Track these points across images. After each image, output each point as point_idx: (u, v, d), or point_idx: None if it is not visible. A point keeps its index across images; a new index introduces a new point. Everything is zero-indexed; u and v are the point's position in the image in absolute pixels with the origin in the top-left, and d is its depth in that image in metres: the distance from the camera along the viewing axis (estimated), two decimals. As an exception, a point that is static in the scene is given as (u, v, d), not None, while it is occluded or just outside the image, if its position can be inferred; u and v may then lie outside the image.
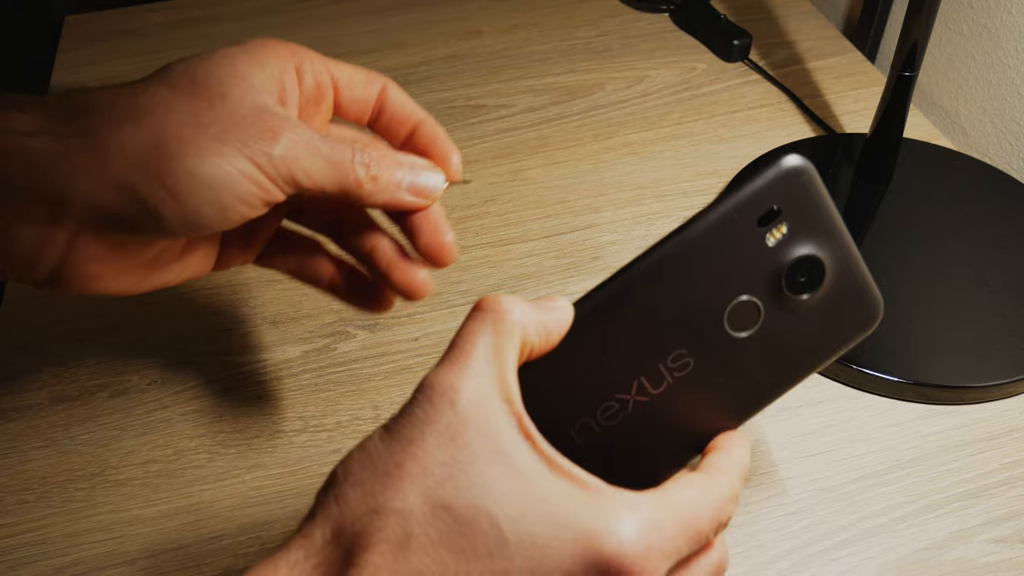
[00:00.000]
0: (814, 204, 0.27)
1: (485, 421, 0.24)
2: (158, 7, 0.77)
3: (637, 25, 0.74)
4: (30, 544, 0.40)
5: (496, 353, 0.25)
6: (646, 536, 0.24)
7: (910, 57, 0.50)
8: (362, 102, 0.33)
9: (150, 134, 0.27)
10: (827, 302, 0.28)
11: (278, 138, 0.28)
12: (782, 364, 0.29)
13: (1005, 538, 0.39)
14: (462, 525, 0.23)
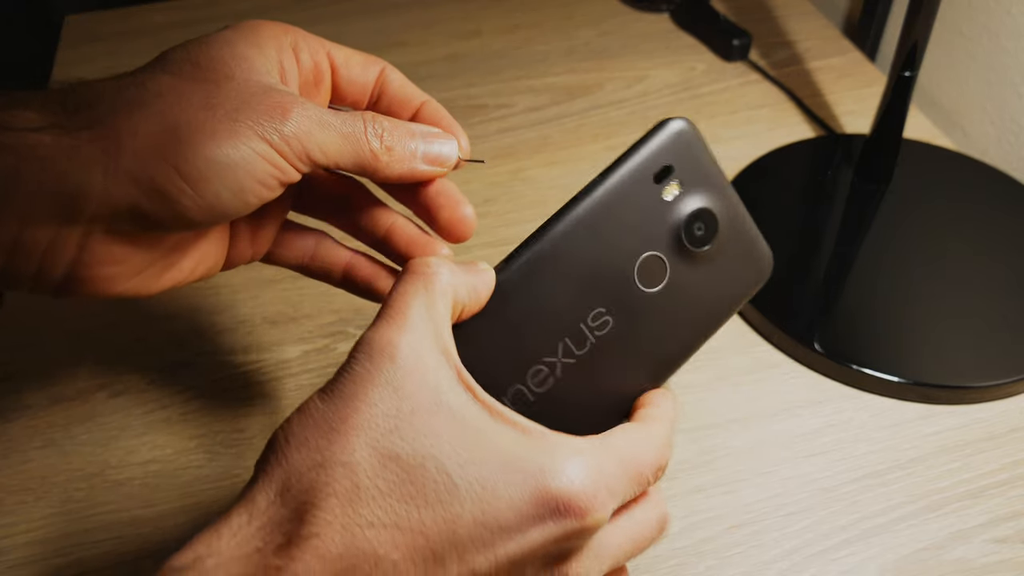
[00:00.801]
0: (701, 161, 0.30)
1: (425, 373, 0.25)
2: (158, 7, 0.77)
3: (637, 25, 0.74)
4: (30, 544, 0.40)
5: (430, 310, 0.26)
6: (592, 475, 0.25)
7: (910, 57, 0.50)
8: (360, 84, 0.33)
9: (162, 120, 0.26)
10: (724, 255, 0.31)
11: (288, 115, 0.28)
12: (692, 317, 0.30)
13: (1005, 538, 0.39)
14: (411, 474, 0.24)
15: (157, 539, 0.40)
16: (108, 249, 0.28)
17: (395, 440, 0.24)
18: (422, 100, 0.33)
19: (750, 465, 0.42)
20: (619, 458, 0.26)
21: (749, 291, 0.32)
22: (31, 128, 0.26)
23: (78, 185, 0.26)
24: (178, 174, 0.26)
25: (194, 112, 0.27)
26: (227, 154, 0.27)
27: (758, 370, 0.47)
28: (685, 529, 0.40)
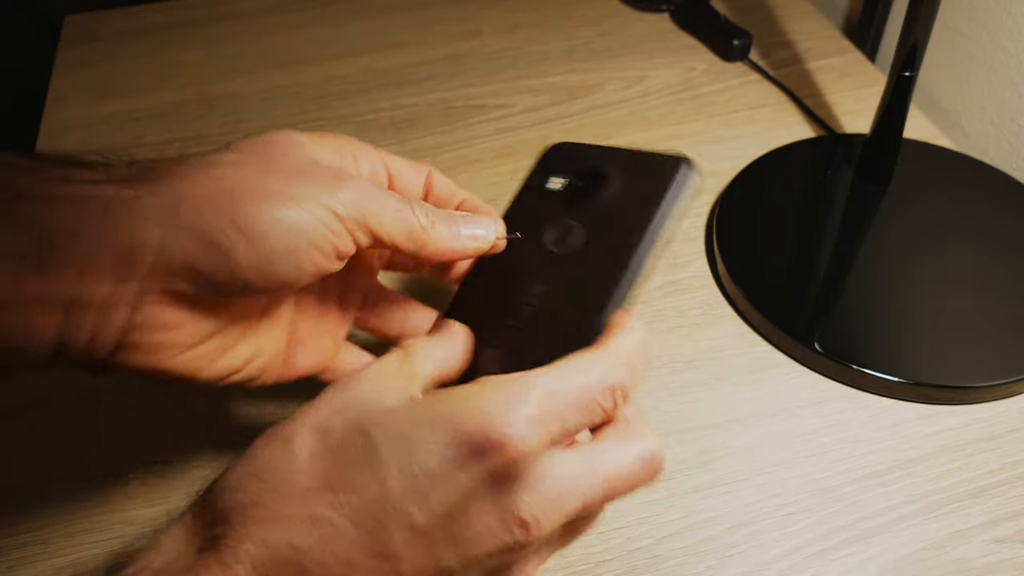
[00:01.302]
0: (575, 155, 0.36)
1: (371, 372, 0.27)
2: (158, 7, 0.77)
3: (637, 25, 0.74)
4: (30, 544, 0.40)
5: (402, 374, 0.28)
6: (505, 405, 0.24)
7: (910, 57, 0.50)
8: (412, 188, 0.35)
9: (219, 182, 0.27)
10: (618, 191, 0.33)
11: (343, 185, 0.28)
12: (617, 244, 0.32)
13: (1005, 538, 0.39)
14: (332, 436, 0.25)
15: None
16: (163, 313, 0.28)
17: (325, 417, 0.26)
18: (462, 197, 0.36)
19: (750, 465, 0.42)
20: (544, 384, 0.25)
21: (668, 191, 0.32)
22: (91, 181, 0.26)
23: (135, 237, 0.26)
24: (233, 227, 0.26)
25: (251, 177, 0.28)
26: (283, 212, 0.27)
27: (758, 370, 0.47)
28: (685, 529, 0.40)
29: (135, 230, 0.26)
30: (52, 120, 0.65)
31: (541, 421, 0.25)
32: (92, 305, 0.26)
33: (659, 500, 0.41)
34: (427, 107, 0.65)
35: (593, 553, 0.39)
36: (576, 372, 0.26)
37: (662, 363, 0.47)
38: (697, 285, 0.51)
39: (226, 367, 0.31)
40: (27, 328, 0.26)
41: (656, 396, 0.45)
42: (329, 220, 0.28)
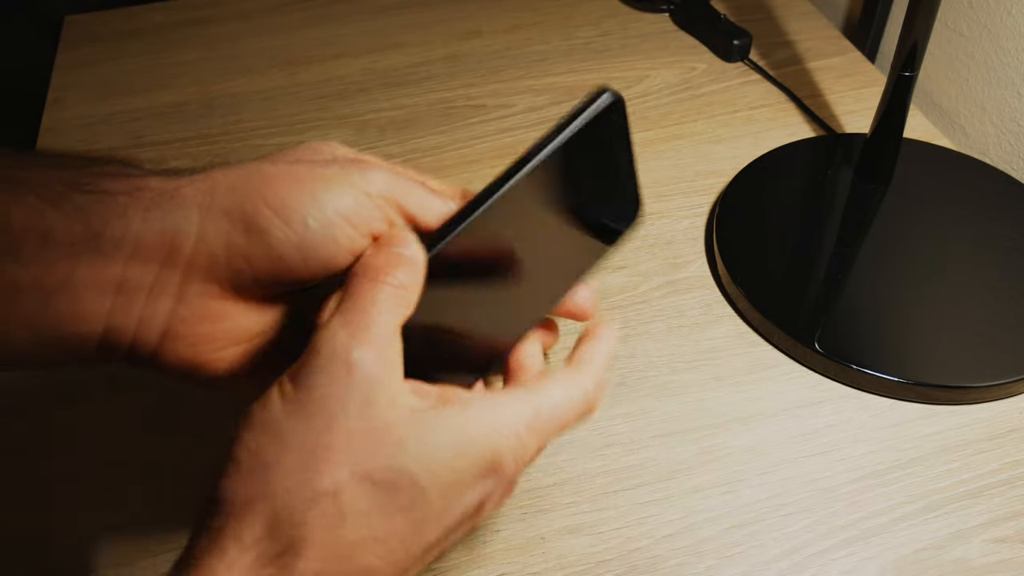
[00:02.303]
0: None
1: (390, 386, 0.26)
2: (158, 7, 0.77)
3: (637, 25, 0.74)
4: (30, 544, 0.40)
5: (395, 331, 0.27)
6: (527, 439, 0.28)
7: (910, 57, 0.50)
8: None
9: (253, 169, 0.28)
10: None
11: (372, 169, 0.29)
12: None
13: (1005, 538, 0.39)
14: (388, 490, 0.25)
15: (157, 539, 0.40)
16: (207, 304, 0.28)
17: (369, 460, 0.25)
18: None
19: (750, 465, 0.42)
20: (552, 414, 0.28)
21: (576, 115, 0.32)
22: (139, 176, 0.28)
23: (177, 222, 0.27)
24: (265, 204, 0.27)
25: (283, 164, 0.28)
26: (312, 189, 0.28)
27: (758, 370, 0.47)
28: (685, 529, 0.40)
29: (176, 215, 0.27)
30: (52, 120, 0.65)
31: (539, 446, 0.28)
32: (140, 290, 0.27)
33: (659, 500, 0.41)
34: (427, 107, 0.65)
35: (593, 553, 0.39)
36: (573, 403, 0.29)
37: (662, 363, 0.47)
38: (697, 285, 0.51)
39: (270, 368, 0.31)
40: (78, 314, 0.27)
41: (656, 396, 0.45)
42: (361, 198, 0.28)
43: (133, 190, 0.27)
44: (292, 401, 0.25)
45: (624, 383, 0.46)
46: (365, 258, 0.28)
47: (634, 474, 0.42)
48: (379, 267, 0.27)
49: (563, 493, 0.41)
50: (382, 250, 0.28)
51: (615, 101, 0.32)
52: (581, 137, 0.31)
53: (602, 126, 0.32)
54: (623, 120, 0.33)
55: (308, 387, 0.25)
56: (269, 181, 0.28)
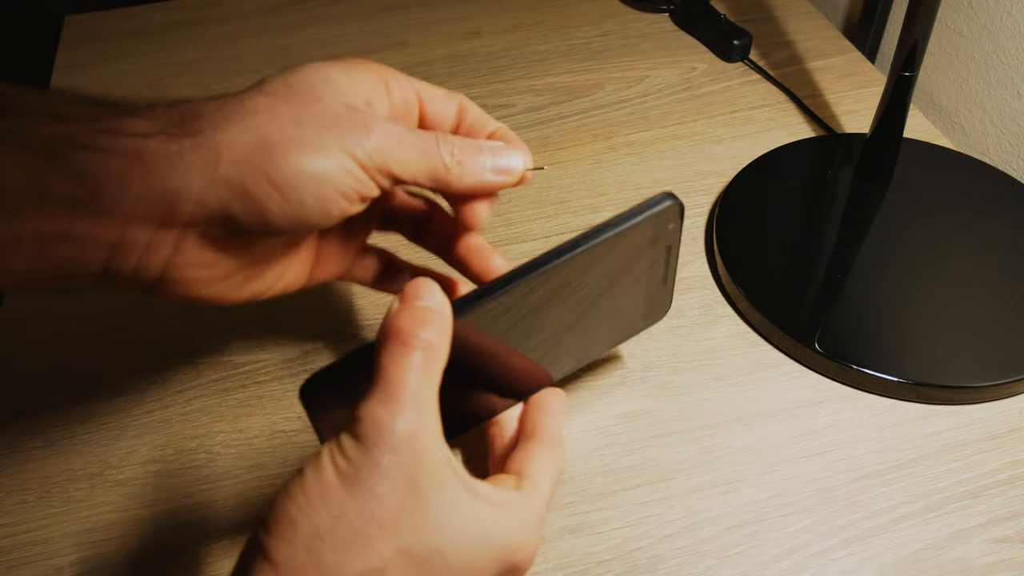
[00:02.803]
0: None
1: (433, 461, 0.27)
2: (158, 7, 0.77)
3: (637, 25, 0.74)
4: (30, 544, 0.40)
5: (431, 393, 0.27)
6: (537, 531, 0.31)
7: (910, 57, 0.50)
8: (443, 116, 0.35)
9: (255, 133, 0.29)
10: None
11: (370, 133, 0.30)
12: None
13: (1005, 538, 0.39)
14: (421, 565, 0.26)
15: (157, 539, 0.40)
16: (199, 253, 0.30)
17: (411, 537, 0.26)
18: (494, 127, 0.36)
19: (750, 465, 0.42)
20: (548, 500, 0.32)
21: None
22: (139, 134, 0.28)
23: (178, 189, 0.28)
24: (268, 181, 0.28)
25: (285, 128, 0.29)
26: (313, 165, 0.29)
27: (758, 370, 0.47)
28: (685, 529, 0.40)
29: (178, 182, 0.28)
30: (52, 120, 0.65)
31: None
32: (136, 246, 0.29)
33: (659, 500, 0.41)
34: (427, 107, 0.65)
35: (593, 553, 0.39)
36: (557, 476, 0.33)
37: (662, 363, 0.47)
38: (697, 285, 0.51)
39: (253, 291, 0.34)
40: (77, 259, 0.28)
41: (656, 396, 0.45)
42: (353, 168, 0.30)
43: (133, 151, 0.27)
44: (346, 476, 0.25)
45: (624, 383, 0.46)
46: (391, 319, 0.27)
47: (634, 474, 0.42)
48: (407, 330, 0.27)
49: (563, 493, 0.41)
50: (406, 307, 0.28)
51: (673, 207, 0.33)
52: (633, 233, 0.33)
53: (658, 227, 0.33)
54: (677, 225, 0.34)
55: (359, 464, 0.25)
56: (271, 154, 0.28)
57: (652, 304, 0.37)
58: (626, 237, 0.32)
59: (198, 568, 0.39)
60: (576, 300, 0.33)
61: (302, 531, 0.25)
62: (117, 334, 0.49)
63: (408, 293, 0.28)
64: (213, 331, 0.49)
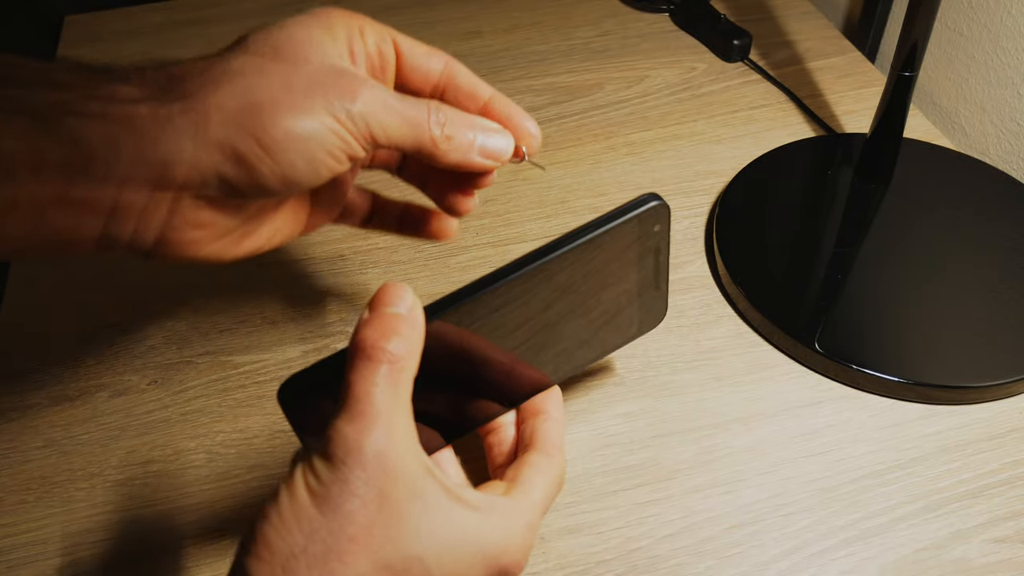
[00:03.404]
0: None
1: (405, 472, 0.27)
2: (158, 7, 0.77)
3: (637, 25, 0.74)
4: (30, 544, 0.40)
5: (401, 403, 0.27)
6: (526, 538, 0.30)
7: (910, 57, 0.50)
8: (423, 72, 0.34)
9: (245, 96, 0.29)
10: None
11: (356, 96, 0.30)
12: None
13: (1005, 538, 0.39)
14: (399, 573, 0.26)
15: (157, 539, 0.40)
16: (195, 214, 0.30)
17: (388, 549, 0.26)
18: (489, 94, 0.35)
19: (750, 465, 0.42)
20: (541, 507, 0.32)
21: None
22: (130, 100, 0.28)
23: (170, 153, 0.28)
24: (258, 144, 0.29)
25: (274, 90, 0.29)
26: (301, 128, 0.29)
27: (758, 370, 0.47)
28: (685, 529, 0.40)
29: (170, 147, 0.28)
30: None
31: (533, 537, 0.32)
32: (132, 211, 0.29)
33: (659, 500, 0.41)
34: (427, 107, 0.65)
35: (593, 553, 0.39)
36: (556, 486, 0.33)
37: (662, 363, 0.47)
38: (697, 285, 0.51)
39: (250, 248, 0.34)
40: (74, 224, 0.28)
41: (656, 396, 0.45)
42: (340, 131, 0.30)
43: (124, 117, 0.28)
44: (318, 495, 0.26)
45: (624, 383, 0.46)
46: (359, 331, 0.27)
47: (634, 474, 0.42)
48: (373, 343, 0.27)
49: (563, 493, 0.41)
50: (374, 316, 0.28)
51: (658, 208, 0.32)
52: (616, 235, 0.32)
53: (642, 229, 0.33)
54: (665, 227, 0.34)
55: (329, 482, 0.26)
56: (261, 118, 0.28)
57: (647, 310, 0.37)
58: (609, 238, 0.32)
59: (198, 568, 0.39)
60: (562, 302, 0.33)
61: (278, 551, 0.25)
62: (116, 334, 0.49)
63: (377, 299, 0.28)
64: (213, 331, 0.49)
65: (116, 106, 0.28)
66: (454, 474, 0.35)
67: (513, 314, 0.32)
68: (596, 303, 0.34)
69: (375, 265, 0.53)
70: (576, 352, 0.36)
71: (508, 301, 0.31)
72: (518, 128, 0.34)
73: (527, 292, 0.31)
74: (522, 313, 0.32)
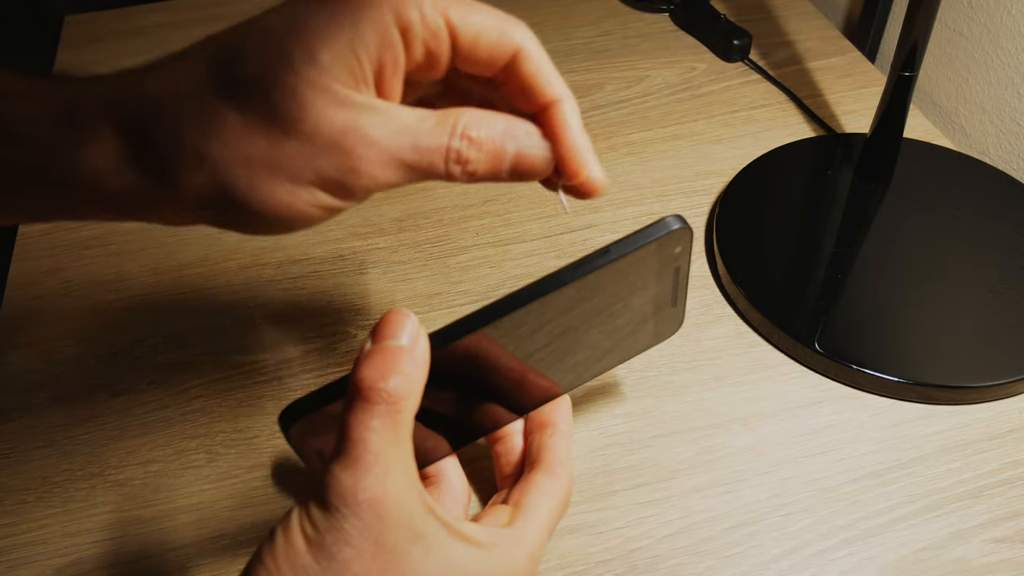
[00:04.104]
0: None
1: (402, 515, 0.26)
2: (158, 7, 0.77)
3: (637, 25, 0.74)
4: (30, 544, 0.40)
5: (399, 446, 0.26)
6: (529, 567, 0.30)
7: (910, 57, 0.50)
8: (483, 65, 0.27)
9: (215, 178, 0.25)
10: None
11: (358, 169, 0.25)
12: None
13: (1005, 538, 0.39)
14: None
15: (157, 539, 0.40)
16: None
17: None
18: (553, 98, 0.28)
19: (750, 465, 0.42)
20: (546, 531, 0.32)
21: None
22: (101, 170, 0.27)
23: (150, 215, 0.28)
24: (242, 212, 0.26)
25: (253, 170, 0.25)
26: (278, 210, 0.26)
27: (758, 370, 0.47)
28: (685, 529, 0.40)
29: (149, 212, 0.28)
30: (52, 120, 0.65)
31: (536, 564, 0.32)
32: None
33: (659, 500, 0.41)
34: (427, 107, 0.65)
35: (593, 553, 0.39)
36: (560, 509, 0.33)
37: (662, 363, 0.47)
38: (697, 285, 0.51)
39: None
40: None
41: (656, 396, 0.45)
42: (331, 203, 0.27)
43: (96, 189, 0.27)
44: (313, 542, 0.26)
45: (624, 383, 0.46)
46: (358, 367, 0.26)
47: (634, 474, 0.42)
48: (371, 383, 0.25)
49: (563, 493, 0.41)
50: (374, 350, 0.26)
51: (681, 232, 0.32)
52: (638, 259, 0.32)
53: (663, 251, 0.32)
54: (686, 249, 0.33)
55: (324, 530, 0.26)
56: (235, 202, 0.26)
57: (662, 323, 0.37)
58: (631, 263, 0.31)
59: (198, 568, 0.39)
60: (578, 322, 0.33)
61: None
62: (116, 334, 0.49)
63: (379, 330, 0.27)
64: (213, 331, 0.49)
65: (86, 176, 0.26)
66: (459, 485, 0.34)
67: (527, 335, 0.32)
68: (613, 321, 0.34)
69: (375, 265, 0.53)
70: (588, 364, 0.36)
71: (521, 325, 0.31)
72: (574, 161, 0.28)
73: (541, 316, 0.31)
74: (535, 335, 0.32)
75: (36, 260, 0.54)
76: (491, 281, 0.52)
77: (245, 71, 0.25)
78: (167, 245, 0.55)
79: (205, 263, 0.54)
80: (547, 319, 0.31)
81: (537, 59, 0.28)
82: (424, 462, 0.34)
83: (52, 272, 0.53)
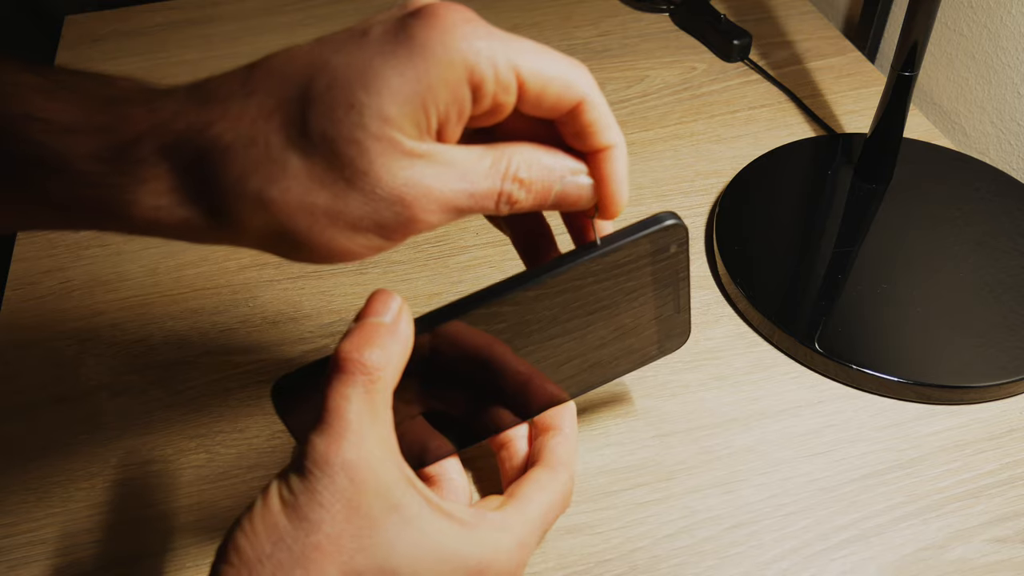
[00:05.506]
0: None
1: (378, 484, 0.27)
2: (158, 7, 0.77)
3: (637, 25, 0.74)
4: (30, 544, 0.40)
5: (375, 416, 0.27)
6: (515, 555, 0.30)
7: (910, 57, 0.50)
8: (545, 111, 0.27)
9: (275, 220, 0.26)
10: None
11: (416, 218, 0.26)
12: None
13: (1005, 538, 0.39)
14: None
15: (157, 539, 0.40)
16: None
17: (359, 559, 0.26)
18: (608, 145, 0.28)
19: (750, 465, 0.42)
20: (539, 524, 0.31)
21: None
22: (158, 221, 0.27)
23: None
24: (292, 251, 0.28)
25: (314, 221, 0.26)
26: (335, 253, 0.28)
27: (758, 370, 0.47)
28: (685, 529, 0.40)
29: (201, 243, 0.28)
30: (52, 120, 0.65)
31: (528, 555, 0.31)
32: None
33: (659, 500, 0.41)
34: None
35: (593, 553, 0.39)
36: (555, 504, 0.33)
37: (662, 363, 0.47)
38: (697, 285, 0.51)
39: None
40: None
41: (656, 396, 0.45)
42: (384, 245, 0.27)
43: (150, 225, 0.27)
44: (288, 504, 0.26)
45: (624, 383, 0.46)
46: (340, 344, 0.27)
47: (634, 474, 0.42)
48: (347, 355, 0.27)
49: (563, 493, 0.41)
50: (357, 327, 0.28)
51: (674, 228, 0.31)
52: (629, 252, 0.31)
53: (656, 247, 0.32)
54: (683, 249, 0.32)
55: (299, 492, 0.26)
56: (293, 245, 0.28)
57: (668, 332, 0.36)
58: (622, 256, 0.31)
59: (198, 568, 0.39)
60: (574, 318, 0.33)
61: (246, 557, 0.26)
62: (116, 334, 0.49)
63: (364, 309, 0.28)
64: (213, 331, 0.49)
65: (140, 222, 0.27)
66: (460, 485, 0.34)
67: (520, 327, 0.31)
68: (612, 321, 0.34)
69: (375, 265, 0.53)
70: (593, 370, 0.35)
71: (513, 315, 0.31)
72: (615, 204, 0.29)
73: (533, 306, 0.31)
74: (532, 326, 0.32)
75: (36, 260, 0.54)
76: (491, 281, 0.51)
77: (314, 123, 0.25)
78: (167, 245, 0.55)
79: (205, 263, 0.54)
80: (540, 311, 0.31)
81: (599, 108, 0.28)
82: (426, 460, 0.34)
83: (52, 272, 0.53)
